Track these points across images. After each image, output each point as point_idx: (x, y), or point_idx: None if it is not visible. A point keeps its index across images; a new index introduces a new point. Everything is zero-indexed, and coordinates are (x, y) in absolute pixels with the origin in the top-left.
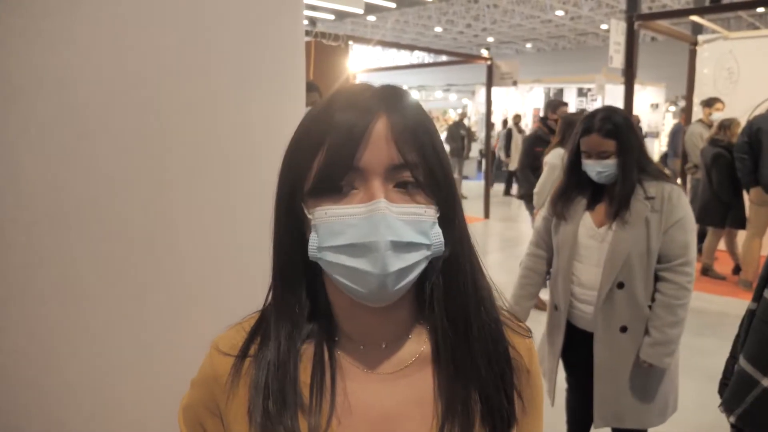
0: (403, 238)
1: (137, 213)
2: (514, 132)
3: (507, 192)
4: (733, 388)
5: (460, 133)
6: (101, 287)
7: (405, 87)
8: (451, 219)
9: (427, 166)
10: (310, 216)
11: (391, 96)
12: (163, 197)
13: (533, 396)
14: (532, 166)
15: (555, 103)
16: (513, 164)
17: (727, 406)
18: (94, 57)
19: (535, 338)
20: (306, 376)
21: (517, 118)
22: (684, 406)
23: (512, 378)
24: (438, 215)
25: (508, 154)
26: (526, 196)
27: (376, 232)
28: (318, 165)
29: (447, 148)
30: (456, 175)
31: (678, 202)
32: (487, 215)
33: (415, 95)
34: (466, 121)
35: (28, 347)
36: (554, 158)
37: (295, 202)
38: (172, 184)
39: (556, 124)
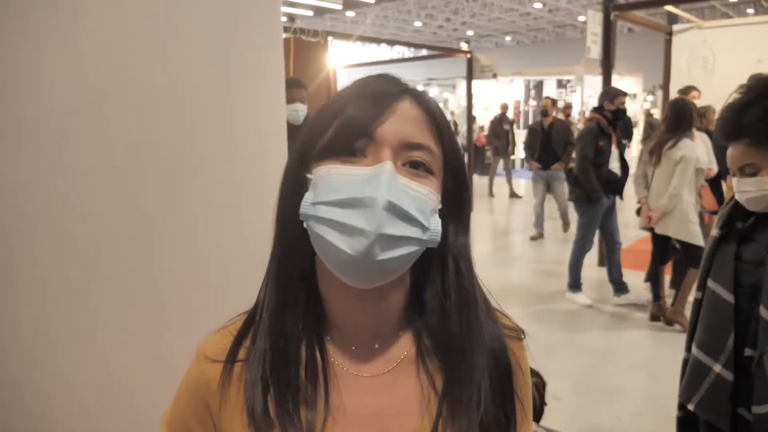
0: (403, 204)
1: (120, 211)
2: None
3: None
4: (689, 378)
5: (503, 128)
6: (86, 285)
7: None
8: (460, 217)
9: (446, 158)
10: (311, 176)
11: (414, 88)
12: (145, 195)
13: (527, 392)
14: (594, 163)
15: (612, 92)
16: None
17: (686, 396)
18: (72, 54)
19: None
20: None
21: (568, 110)
22: (661, 399)
23: (511, 390)
24: (440, 206)
25: None
26: (582, 198)
27: (378, 189)
28: (335, 127)
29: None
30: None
31: None
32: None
33: None
34: (449, 115)
35: (12, 347)
36: (691, 152)
37: (302, 171)
38: (154, 181)
39: (612, 115)
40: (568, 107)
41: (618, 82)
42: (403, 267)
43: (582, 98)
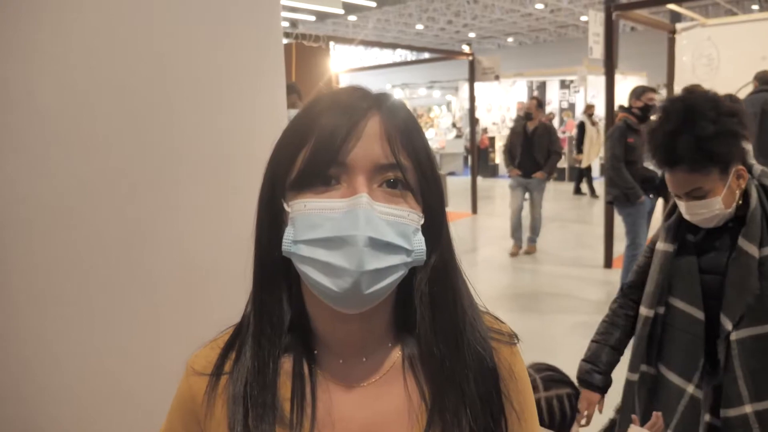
0: (383, 236)
1: (111, 217)
2: (588, 125)
3: (578, 190)
4: (663, 402)
5: None
6: (77, 293)
7: (389, 85)
8: (439, 228)
9: (420, 170)
10: (288, 209)
11: (384, 98)
12: (138, 201)
13: (523, 400)
14: (626, 160)
15: (639, 90)
16: (586, 161)
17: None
18: (66, 59)
19: None
20: (286, 390)
21: (590, 109)
22: None
23: (500, 399)
24: (422, 222)
25: (580, 150)
26: (621, 197)
27: (356, 226)
28: (303, 157)
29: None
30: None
31: None
32: (474, 211)
33: (398, 93)
34: (449, 118)
35: (3, 356)
36: None
37: (275, 198)
38: (147, 187)
39: (640, 112)
40: (590, 107)
41: (621, 81)
42: (391, 289)
43: (585, 98)
